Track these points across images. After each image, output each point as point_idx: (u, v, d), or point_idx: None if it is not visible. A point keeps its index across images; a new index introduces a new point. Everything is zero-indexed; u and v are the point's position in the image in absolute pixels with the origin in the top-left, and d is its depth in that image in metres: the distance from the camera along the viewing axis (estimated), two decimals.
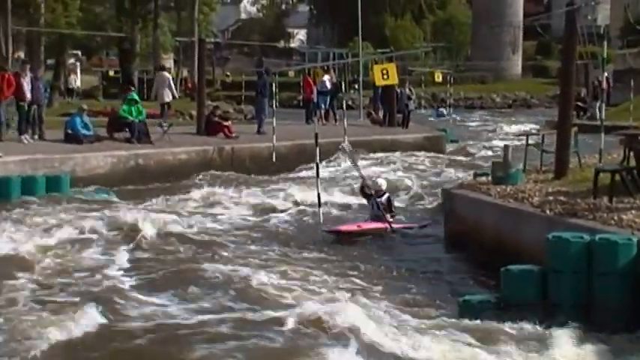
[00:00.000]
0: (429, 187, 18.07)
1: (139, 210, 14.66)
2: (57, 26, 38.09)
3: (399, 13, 68.56)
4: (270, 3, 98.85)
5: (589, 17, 60.76)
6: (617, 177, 10.66)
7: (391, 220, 13.58)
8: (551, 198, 11.04)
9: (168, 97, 24.47)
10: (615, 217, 9.64)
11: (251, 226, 14.25)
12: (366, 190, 13.92)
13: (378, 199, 13.73)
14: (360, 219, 14.02)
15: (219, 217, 14.89)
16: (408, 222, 14.28)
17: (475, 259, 11.30)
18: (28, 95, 19.44)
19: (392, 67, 24.98)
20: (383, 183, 14.25)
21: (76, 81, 45.06)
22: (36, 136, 19.99)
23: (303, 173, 20.12)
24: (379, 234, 13.27)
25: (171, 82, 25.24)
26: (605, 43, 15.80)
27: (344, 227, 13.32)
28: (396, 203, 16.49)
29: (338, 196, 16.78)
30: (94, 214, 14.15)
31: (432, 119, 40.50)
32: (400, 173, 20.39)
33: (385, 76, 24.02)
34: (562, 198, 10.92)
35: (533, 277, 8.69)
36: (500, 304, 8.67)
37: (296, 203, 16.07)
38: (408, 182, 18.67)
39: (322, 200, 13.94)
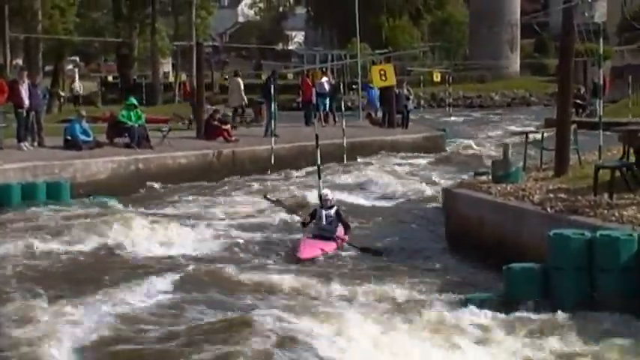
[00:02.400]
0: (428, 187, 18.04)
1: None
2: (54, 33, 38.11)
3: (397, 13, 68.47)
4: (268, 6, 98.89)
5: (586, 14, 60.75)
6: (617, 173, 10.67)
7: (345, 234, 12.46)
8: (551, 195, 11.04)
9: (238, 102, 27.00)
10: (616, 214, 9.65)
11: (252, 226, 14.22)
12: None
13: (326, 212, 12.51)
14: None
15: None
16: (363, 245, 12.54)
17: (476, 257, 11.29)
18: (26, 102, 19.41)
19: (389, 68, 24.99)
20: (329, 193, 12.95)
21: (81, 88, 45.12)
22: (35, 143, 19.95)
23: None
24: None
25: (242, 87, 27.11)
26: (602, 39, 15.72)
27: (307, 254, 11.88)
28: (397, 203, 16.56)
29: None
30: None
31: None
32: (399, 173, 20.36)
33: (383, 77, 24.02)
34: (562, 195, 10.93)
35: (534, 274, 8.69)
36: (503, 302, 8.67)
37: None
38: (406, 182, 18.66)
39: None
